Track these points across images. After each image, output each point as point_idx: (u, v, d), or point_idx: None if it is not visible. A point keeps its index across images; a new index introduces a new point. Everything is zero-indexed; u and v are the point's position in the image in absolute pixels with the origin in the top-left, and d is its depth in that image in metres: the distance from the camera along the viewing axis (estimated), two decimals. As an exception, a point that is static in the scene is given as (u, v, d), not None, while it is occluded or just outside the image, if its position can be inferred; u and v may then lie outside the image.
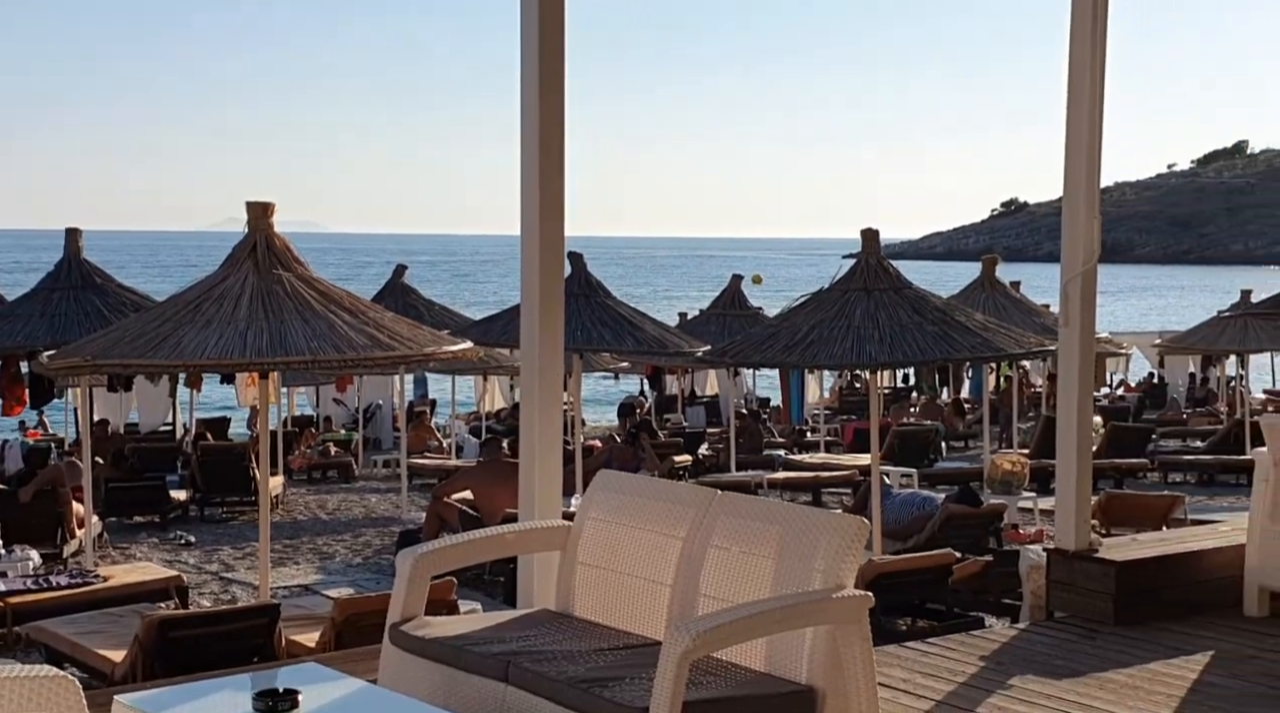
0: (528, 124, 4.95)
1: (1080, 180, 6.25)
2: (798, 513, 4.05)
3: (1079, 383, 6.30)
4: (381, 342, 7.23)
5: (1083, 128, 6.22)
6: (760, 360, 8.91)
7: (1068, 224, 6.32)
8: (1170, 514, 12.24)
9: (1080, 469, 6.33)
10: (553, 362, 4.97)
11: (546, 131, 4.91)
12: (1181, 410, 27.39)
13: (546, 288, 4.93)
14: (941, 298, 9.35)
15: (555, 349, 4.99)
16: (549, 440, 4.98)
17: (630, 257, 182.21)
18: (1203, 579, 6.51)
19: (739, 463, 16.87)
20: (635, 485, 4.54)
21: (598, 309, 11.49)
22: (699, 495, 4.32)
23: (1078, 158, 6.24)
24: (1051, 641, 6.02)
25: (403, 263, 17.09)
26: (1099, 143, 6.27)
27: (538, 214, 4.91)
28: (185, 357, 6.91)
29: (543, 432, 4.97)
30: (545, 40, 4.91)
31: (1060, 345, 6.43)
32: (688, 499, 4.32)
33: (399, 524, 14.19)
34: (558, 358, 5.00)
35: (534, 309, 4.93)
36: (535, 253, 4.91)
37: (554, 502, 4.96)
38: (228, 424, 25.23)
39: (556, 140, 4.94)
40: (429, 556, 4.28)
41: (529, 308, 4.97)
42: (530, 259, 4.94)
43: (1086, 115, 6.21)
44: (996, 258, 15.30)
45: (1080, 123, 6.23)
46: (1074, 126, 6.26)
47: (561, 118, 4.97)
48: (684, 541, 4.23)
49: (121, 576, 9.32)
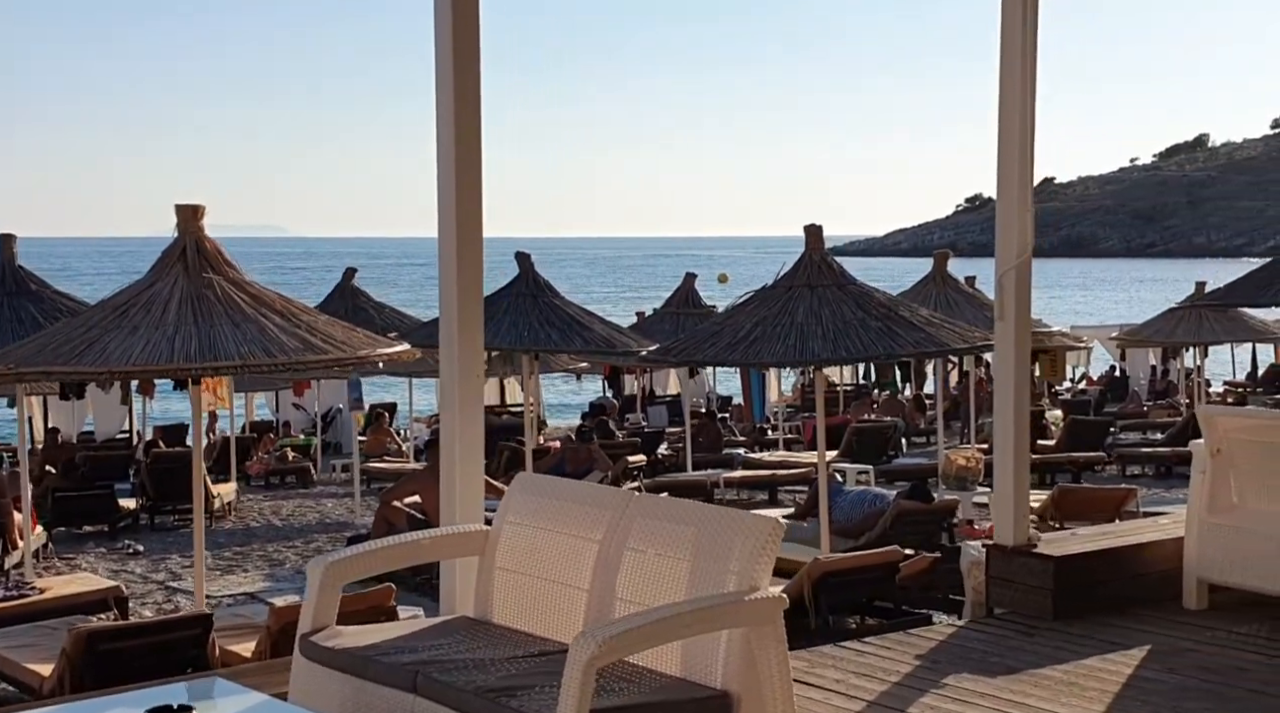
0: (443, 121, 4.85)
1: (1013, 173, 6.21)
2: (713, 514, 3.97)
3: (1015, 377, 6.25)
4: (314, 345, 7.11)
5: (1014, 121, 6.18)
6: (703, 359, 8.83)
7: (1001, 217, 6.28)
8: (1123, 507, 12.26)
9: (1018, 464, 6.29)
10: (472, 363, 4.88)
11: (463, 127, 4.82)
12: (1143, 403, 27.52)
13: (464, 287, 4.83)
14: (886, 294, 9.31)
15: (475, 350, 4.89)
16: (470, 444, 4.88)
17: (607, 257, 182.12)
18: (1142, 573, 6.48)
19: (698, 462, 16.80)
20: (553, 488, 4.45)
21: (545, 310, 11.39)
22: (616, 498, 4.24)
23: (1010, 151, 6.20)
24: (989, 637, 5.97)
25: (353, 266, 16.91)
26: (1031, 136, 6.23)
27: (454, 214, 4.81)
28: (110, 363, 6.77)
29: (463, 435, 4.87)
30: (459, 38, 4.82)
31: (996, 339, 6.39)
32: (605, 502, 4.24)
33: (352, 529, 14.05)
34: (477, 360, 4.91)
35: (452, 309, 4.83)
36: (452, 251, 4.81)
37: (475, 506, 4.86)
38: (185, 431, 24.97)
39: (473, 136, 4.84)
40: (339, 563, 4.17)
41: (447, 308, 4.87)
42: (447, 258, 4.84)
43: (1018, 109, 6.16)
44: (948, 253, 15.29)
45: (1012, 116, 6.18)
46: (1006, 121, 6.22)
47: (478, 114, 4.87)
48: (600, 544, 4.14)
49: (59, 587, 9.15)
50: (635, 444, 17.08)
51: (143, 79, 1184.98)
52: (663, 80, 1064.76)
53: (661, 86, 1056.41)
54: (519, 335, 11.13)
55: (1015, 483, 6.30)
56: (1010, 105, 6.18)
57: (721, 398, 27.32)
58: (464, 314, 4.83)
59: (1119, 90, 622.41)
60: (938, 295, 14.19)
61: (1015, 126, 6.18)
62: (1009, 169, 6.23)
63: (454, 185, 4.80)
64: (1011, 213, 6.22)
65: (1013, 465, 6.28)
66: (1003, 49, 6.23)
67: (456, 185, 4.80)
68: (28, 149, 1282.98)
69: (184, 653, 6.80)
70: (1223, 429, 6.37)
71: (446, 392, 4.89)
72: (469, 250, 4.83)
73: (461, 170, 4.81)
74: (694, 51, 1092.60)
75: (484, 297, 12.44)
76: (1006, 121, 6.21)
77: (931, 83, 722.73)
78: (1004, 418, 6.34)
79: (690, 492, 15.17)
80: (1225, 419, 6.55)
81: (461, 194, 4.82)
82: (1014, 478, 6.28)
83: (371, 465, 18.71)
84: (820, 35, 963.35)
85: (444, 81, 4.85)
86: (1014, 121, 6.18)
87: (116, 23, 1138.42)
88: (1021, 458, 6.32)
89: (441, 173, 4.86)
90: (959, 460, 13.33)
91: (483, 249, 4.90)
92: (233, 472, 17.56)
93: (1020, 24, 6.11)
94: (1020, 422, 6.30)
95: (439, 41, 4.90)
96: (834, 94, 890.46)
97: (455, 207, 4.81)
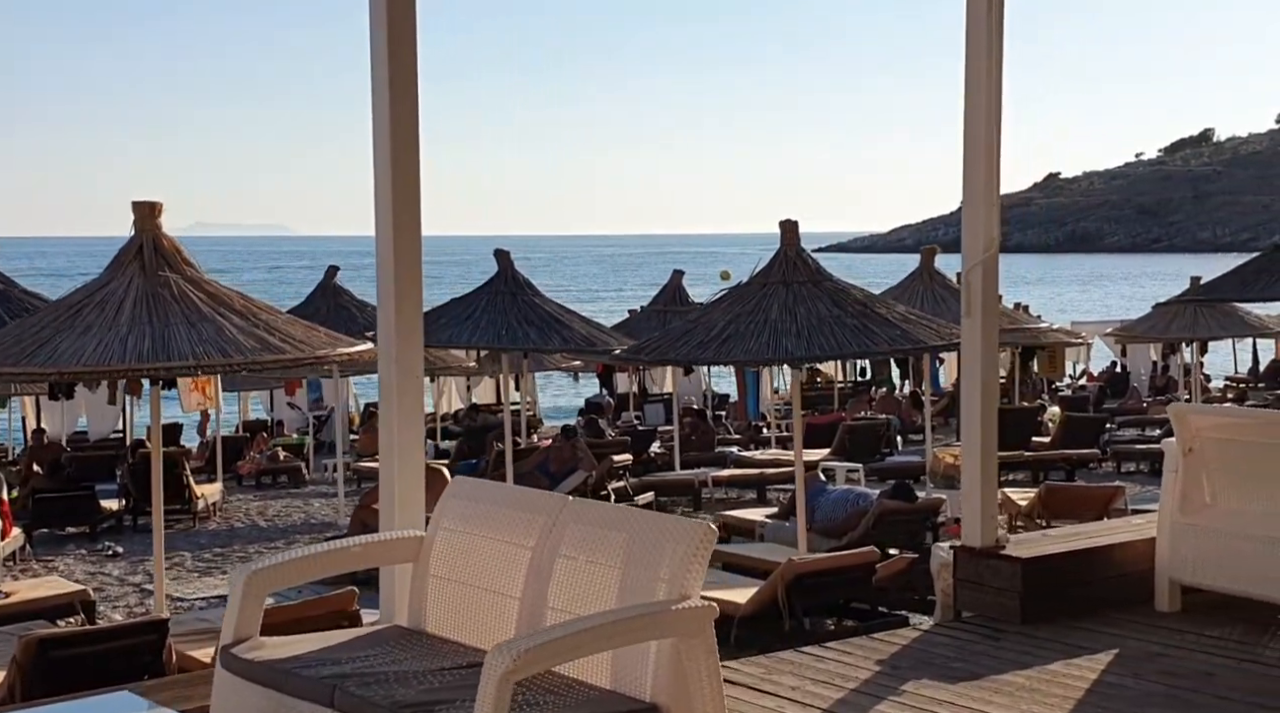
0: (378, 115, 4.71)
1: (979, 167, 6.07)
2: (645, 520, 3.83)
3: (982, 374, 6.10)
4: (271, 345, 6.98)
5: (979, 115, 6.04)
6: (675, 357, 8.68)
7: (968, 212, 6.13)
8: (1112, 505, 12.12)
9: (985, 462, 6.14)
10: (412, 363, 4.74)
11: (398, 122, 4.68)
12: (1142, 400, 27.34)
13: (402, 284, 4.68)
14: (863, 290, 9.15)
15: (414, 348, 4.75)
16: (409, 445, 4.74)
17: (608, 256, 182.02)
18: (1113, 574, 6.33)
19: (690, 461, 16.65)
20: (488, 493, 4.31)
21: (524, 308, 11.23)
22: (549, 503, 4.10)
23: (975, 145, 6.05)
24: (954, 642, 5.83)
25: (336, 265, 16.77)
26: (997, 131, 6.08)
27: (391, 208, 4.67)
28: (60, 364, 6.64)
29: (403, 436, 4.73)
30: (394, 30, 4.68)
31: (963, 336, 6.24)
32: (538, 506, 4.10)
33: (335, 530, 13.93)
34: (416, 359, 4.77)
35: (389, 306, 4.69)
36: (389, 245, 4.66)
37: (416, 511, 4.72)
38: (179, 431, 24.84)
39: (409, 131, 4.70)
40: (263, 573, 4.04)
41: (384, 306, 4.73)
42: (385, 251, 4.69)
43: (983, 103, 6.02)
44: (935, 249, 15.14)
45: (977, 110, 6.04)
46: (971, 114, 6.07)
47: (414, 108, 4.73)
48: (533, 550, 4.01)
49: (26, 591, 9.04)
50: (624, 443, 16.94)
51: (144, 79, 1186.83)
52: (663, 80, 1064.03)
53: (661, 86, 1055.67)
54: (496, 334, 10.99)
55: (983, 482, 6.15)
56: (975, 99, 6.04)
57: (718, 395, 27.18)
58: (402, 312, 4.69)
59: (1124, 86, 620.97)
60: (924, 291, 14.04)
61: (980, 120, 6.04)
62: (974, 163, 6.09)
63: (390, 185, 4.67)
64: (977, 207, 6.08)
65: (979, 464, 6.14)
66: (968, 41, 6.09)
67: (393, 185, 4.67)
68: (27, 148, 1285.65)
69: (139, 660, 6.68)
70: (1195, 427, 6.22)
71: (385, 392, 4.75)
72: (406, 244, 4.69)
73: (398, 165, 4.67)
74: (694, 51, 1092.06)
75: (462, 296, 12.28)
76: (972, 115, 6.07)
77: (932, 82, 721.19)
78: (970, 415, 6.19)
79: (678, 490, 15.05)
80: (1198, 417, 6.40)
81: (398, 190, 4.68)
82: (981, 477, 6.14)
83: (364, 465, 18.57)
84: (820, 35, 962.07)
85: (379, 74, 4.71)
86: (979, 115, 6.04)
87: (117, 22, 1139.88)
88: (989, 456, 6.17)
89: (377, 170, 4.73)
90: (947, 459, 13.20)
91: (421, 245, 4.76)
92: (219, 472, 17.43)
93: (985, 13, 5.96)
94: (988, 419, 6.16)
95: (374, 38, 4.76)
96: (835, 93, 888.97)
97: (391, 200, 4.67)
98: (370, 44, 4.75)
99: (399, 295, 4.68)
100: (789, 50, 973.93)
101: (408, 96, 4.71)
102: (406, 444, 4.73)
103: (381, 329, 4.76)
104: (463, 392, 27.82)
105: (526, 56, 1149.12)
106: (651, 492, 14.34)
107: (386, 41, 4.69)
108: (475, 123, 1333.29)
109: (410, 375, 4.75)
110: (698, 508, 14.73)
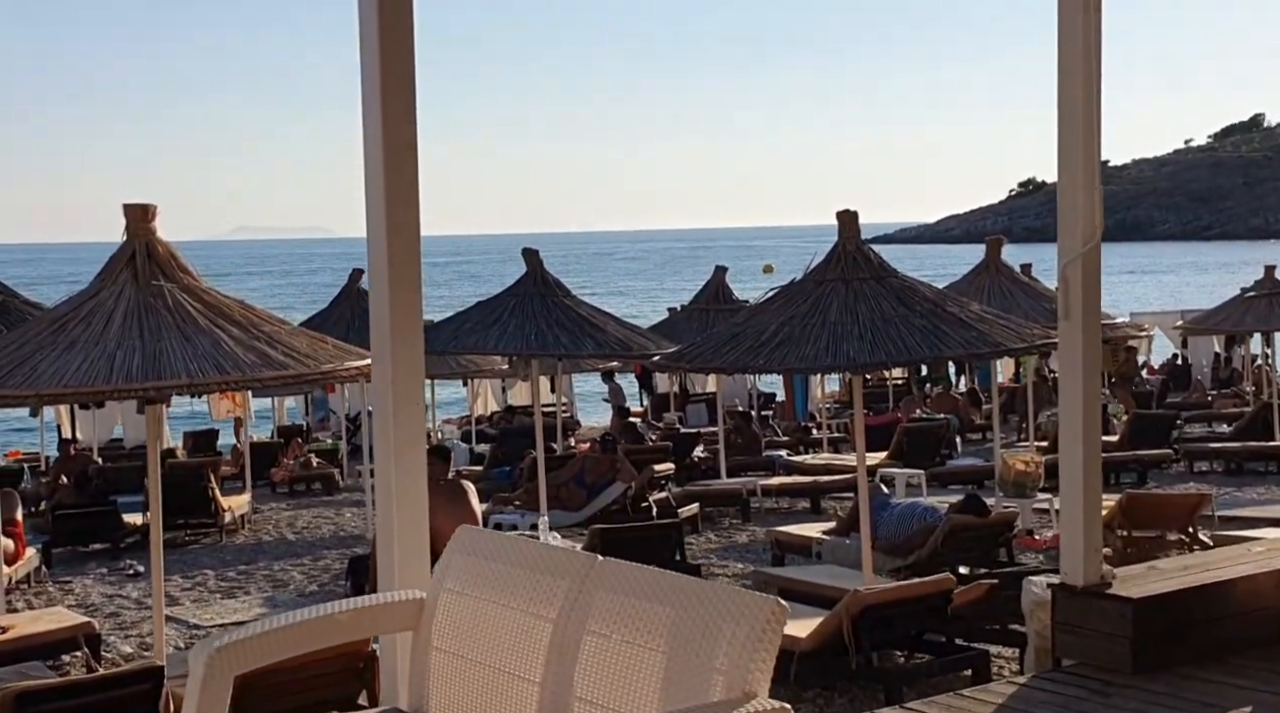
0: (368, 107, 3.95)
1: (1076, 147, 5.24)
2: (694, 590, 3.04)
3: (1084, 388, 5.26)
4: (273, 360, 6.25)
5: (1076, 88, 5.21)
6: (722, 364, 7.86)
7: (1065, 199, 5.31)
8: (1197, 512, 11.21)
9: (1087, 490, 5.30)
10: (412, 388, 3.97)
11: (391, 116, 3.91)
12: (1206, 392, 26.24)
13: (399, 298, 3.92)
14: (932, 287, 8.30)
15: (414, 371, 3.98)
16: (410, 487, 3.96)
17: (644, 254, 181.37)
18: (1235, 614, 5.48)
19: (735, 466, 15.81)
20: (500, 549, 3.53)
21: (555, 310, 10.45)
22: (574, 564, 3.32)
23: (1072, 123, 5.23)
24: (1055, 697, 5.01)
25: (360, 267, 16.06)
26: (1097, 105, 5.24)
27: (383, 209, 3.91)
28: (39, 385, 5.95)
29: (402, 474, 3.95)
30: (385, 17, 3.91)
31: (1060, 343, 5.40)
32: (561, 568, 3.32)
33: (364, 545, 13.24)
34: (417, 383, 4.00)
35: (384, 324, 3.94)
36: (382, 247, 3.91)
37: (420, 566, 3.94)
38: (214, 436, 24.33)
39: (404, 126, 3.94)
40: (228, 652, 3.28)
41: (378, 324, 3.97)
42: (377, 254, 3.93)
43: (1081, 74, 5.19)
44: (1001, 239, 14.17)
45: (1074, 82, 5.21)
46: (1066, 87, 5.25)
47: (412, 99, 3.97)
48: (555, 623, 3.23)
49: (24, 625, 8.37)
50: (665, 449, 16.11)
51: (185, 82, 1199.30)
52: (707, 70, 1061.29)
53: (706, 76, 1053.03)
54: (525, 339, 10.22)
55: (1085, 510, 5.32)
56: (1072, 70, 5.21)
57: (764, 395, 26.27)
58: (399, 326, 3.93)
59: (1173, 72, 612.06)
60: (991, 285, 13.12)
61: (1078, 94, 5.20)
62: (1071, 143, 5.26)
63: (382, 181, 3.91)
64: (1075, 193, 5.25)
65: (1081, 491, 5.30)
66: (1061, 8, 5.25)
67: (385, 181, 3.91)
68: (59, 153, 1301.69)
69: (132, 711, 6.00)
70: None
71: (381, 421, 3.99)
72: (401, 248, 3.93)
73: (390, 160, 3.90)
74: (741, 44, 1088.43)
75: (488, 298, 11.47)
76: (1067, 88, 5.24)
77: (981, 66, 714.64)
78: (1070, 435, 5.35)
79: (724, 501, 14.23)
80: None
81: (391, 192, 3.91)
82: (1084, 506, 5.30)
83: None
84: (857, 25, 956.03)
85: (369, 63, 3.95)
86: (1076, 88, 5.21)
87: (163, 26, 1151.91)
88: (1092, 482, 5.33)
89: (369, 166, 3.96)
90: (1017, 465, 12.29)
91: (420, 248, 3.99)
92: (248, 482, 16.81)
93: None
94: (1090, 439, 5.32)
95: (364, 25, 4.00)
96: (884, 79, 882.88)
97: (384, 203, 3.92)
98: (359, 28, 3.99)
99: (395, 310, 3.92)
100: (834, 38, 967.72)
101: (403, 80, 3.94)
102: (408, 485, 3.95)
103: (375, 345, 4.00)
104: (498, 393, 27.12)
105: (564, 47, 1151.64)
106: (696, 503, 13.52)
107: (377, 24, 3.93)
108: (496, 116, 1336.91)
109: (410, 402, 3.98)
110: (746, 519, 13.90)
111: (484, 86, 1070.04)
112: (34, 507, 16.73)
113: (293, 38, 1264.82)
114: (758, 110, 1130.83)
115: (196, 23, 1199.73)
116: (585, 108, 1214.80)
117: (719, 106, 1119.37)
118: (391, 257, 3.88)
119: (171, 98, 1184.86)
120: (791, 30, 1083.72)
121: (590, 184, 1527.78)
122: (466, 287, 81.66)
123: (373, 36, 3.95)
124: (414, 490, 3.96)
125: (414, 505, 3.95)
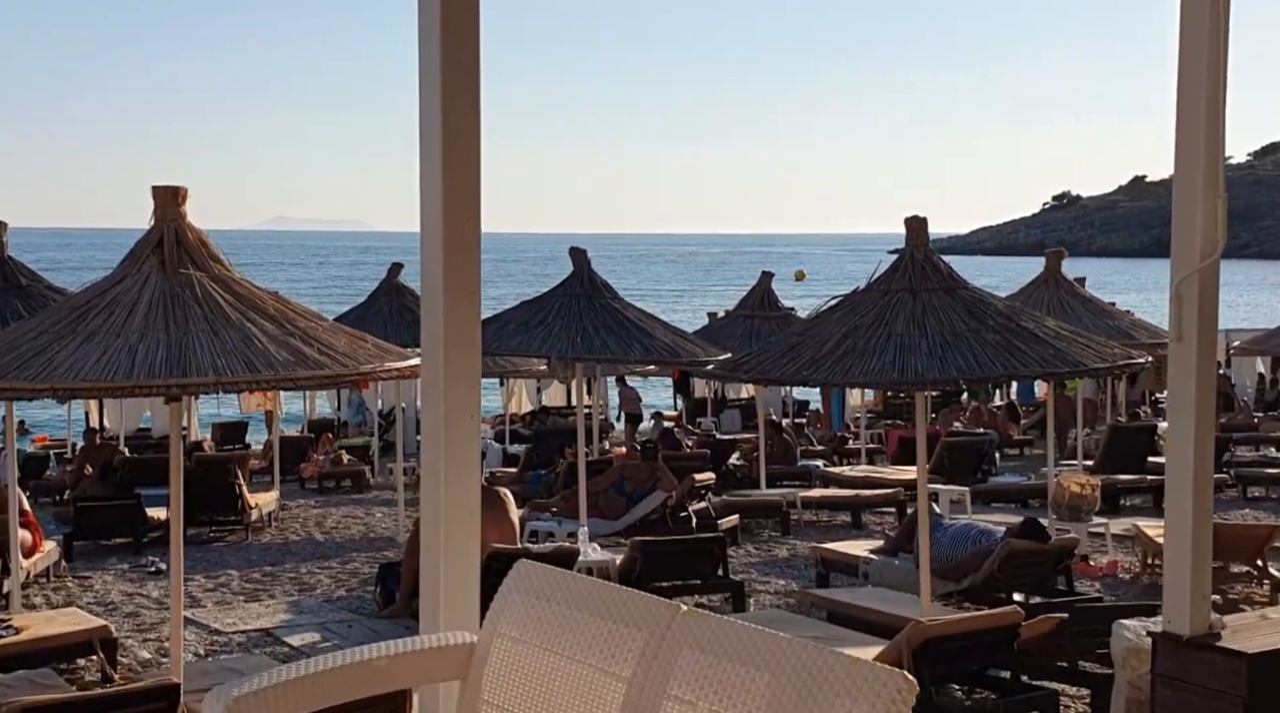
0: (427, 96, 3.52)
1: (1197, 150, 4.75)
2: (799, 655, 2.57)
3: (1197, 417, 4.77)
4: (308, 358, 5.82)
5: (1199, 82, 4.71)
6: (780, 377, 7.38)
7: (1180, 208, 4.82)
8: (1269, 545, 10.70)
9: (1198, 530, 4.81)
10: (466, 400, 3.53)
11: (452, 105, 3.48)
12: (1252, 414, 25.56)
13: (455, 289, 3.48)
14: (1004, 301, 7.81)
15: (469, 381, 3.54)
16: (461, 512, 3.52)
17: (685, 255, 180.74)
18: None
19: (772, 475, 15.33)
20: (565, 590, 3.07)
21: (602, 313, 9.99)
22: (653, 613, 2.86)
23: (1193, 128, 4.73)
24: (1160, 761, 4.52)
25: (399, 262, 15.68)
26: (1222, 105, 4.75)
27: (441, 204, 3.47)
28: (54, 379, 5.54)
29: (453, 491, 3.51)
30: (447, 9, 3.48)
31: (1170, 368, 4.90)
32: (638, 617, 2.87)
33: (395, 548, 12.83)
34: (473, 394, 3.56)
35: (438, 319, 3.49)
36: (438, 236, 3.47)
37: (468, 602, 3.50)
38: (244, 429, 24.01)
39: (468, 115, 3.50)
40: (248, 701, 2.84)
41: (431, 319, 3.53)
42: (431, 249, 3.50)
43: (1205, 67, 4.69)
44: (1063, 251, 13.63)
45: (1196, 76, 4.72)
46: (1187, 82, 4.75)
47: (476, 93, 3.53)
48: (630, 683, 2.78)
49: (39, 626, 7.98)
50: (703, 456, 15.65)
51: (228, 79, 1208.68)
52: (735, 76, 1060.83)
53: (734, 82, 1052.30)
54: (571, 342, 9.77)
55: (1194, 553, 4.83)
56: (1194, 67, 4.71)
57: (798, 403, 25.77)
58: (454, 333, 3.48)
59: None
60: (1051, 299, 12.60)
61: (1200, 93, 4.71)
62: (1191, 145, 4.77)
63: (440, 180, 3.47)
64: (1194, 202, 4.76)
65: (1190, 531, 4.81)
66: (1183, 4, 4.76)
67: (444, 180, 3.47)
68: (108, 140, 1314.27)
69: (145, 731, 5.59)
70: None
71: (431, 436, 3.54)
72: (459, 236, 3.49)
73: (449, 154, 3.47)
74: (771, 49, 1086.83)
75: (532, 297, 11.02)
76: (1188, 83, 4.75)
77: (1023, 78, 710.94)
78: (1179, 470, 4.86)
79: (763, 512, 13.75)
80: None
81: (450, 189, 3.48)
82: (1193, 546, 4.81)
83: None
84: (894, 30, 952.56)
85: (428, 62, 3.51)
86: (1199, 86, 4.72)
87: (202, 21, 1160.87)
88: (1203, 523, 4.84)
89: (425, 161, 3.53)
90: (1072, 487, 11.77)
91: (479, 251, 3.55)
92: (276, 479, 16.43)
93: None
94: (1202, 475, 4.82)
95: (424, 25, 3.57)
96: (917, 88, 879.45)
97: (442, 201, 3.48)
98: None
99: (450, 316, 3.49)
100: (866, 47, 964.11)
101: (467, 74, 3.49)
102: (458, 508, 3.51)
103: (427, 349, 3.56)
104: (532, 393, 26.72)
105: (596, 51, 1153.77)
106: (736, 515, 13.05)
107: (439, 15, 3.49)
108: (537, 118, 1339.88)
109: (463, 413, 3.55)
110: (785, 532, 13.42)
111: (516, 91, 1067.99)
112: (58, 496, 16.44)
113: (338, 36, 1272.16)
114: (786, 117, 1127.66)
115: (246, 25, 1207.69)
116: (614, 110, 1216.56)
117: (745, 114, 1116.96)
118: (448, 254, 3.44)
119: (219, 94, 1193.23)
120: (820, 36, 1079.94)
121: (607, 188, 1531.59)
122: (504, 286, 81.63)
123: (433, 36, 3.52)
124: (465, 514, 3.52)
125: (464, 533, 3.51)
